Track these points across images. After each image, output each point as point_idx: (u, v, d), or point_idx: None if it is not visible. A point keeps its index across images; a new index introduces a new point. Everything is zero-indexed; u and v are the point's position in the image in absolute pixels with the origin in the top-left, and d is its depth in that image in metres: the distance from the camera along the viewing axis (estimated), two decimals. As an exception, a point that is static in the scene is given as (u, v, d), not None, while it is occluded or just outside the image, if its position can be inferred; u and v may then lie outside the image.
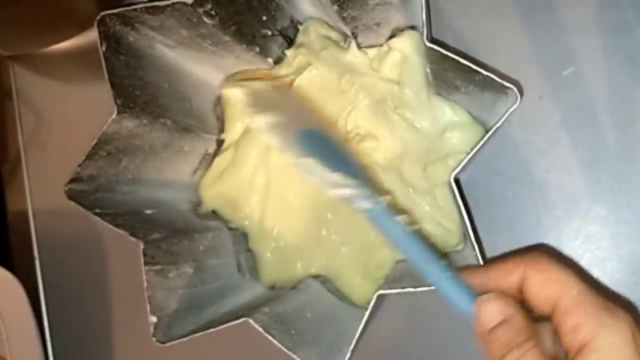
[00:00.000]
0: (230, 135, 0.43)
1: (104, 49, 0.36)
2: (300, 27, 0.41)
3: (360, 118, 0.40)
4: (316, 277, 0.41)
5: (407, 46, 0.39)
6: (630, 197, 0.39)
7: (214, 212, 0.43)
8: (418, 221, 0.38)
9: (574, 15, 0.40)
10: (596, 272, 0.39)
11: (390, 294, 0.34)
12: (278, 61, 0.42)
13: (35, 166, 0.50)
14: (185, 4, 0.35)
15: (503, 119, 0.32)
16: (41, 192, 0.49)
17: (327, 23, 0.41)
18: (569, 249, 0.39)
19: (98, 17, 0.36)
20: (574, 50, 0.39)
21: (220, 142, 0.43)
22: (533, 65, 0.40)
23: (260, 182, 0.42)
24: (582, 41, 0.39)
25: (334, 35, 0.41)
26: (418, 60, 0.38)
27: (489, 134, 0.33)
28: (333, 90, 0.41)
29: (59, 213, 0.49)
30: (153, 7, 0.36)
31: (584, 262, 0.39)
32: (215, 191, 0.42)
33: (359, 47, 0.41)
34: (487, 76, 0.32)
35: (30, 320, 0.44)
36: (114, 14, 0.36)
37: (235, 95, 0.37)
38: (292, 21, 0.41)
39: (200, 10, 0.36)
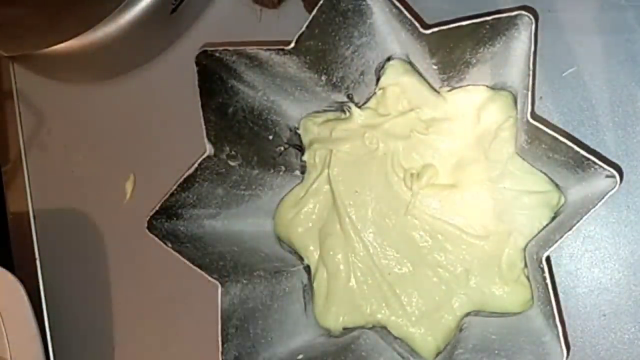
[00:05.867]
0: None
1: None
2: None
3: (404, 161, 0.40)
4: (377, 327, 0.40)
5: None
6: (630, 197, 0.39)
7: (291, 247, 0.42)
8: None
9: (574, 15, 0.40)
10: (596, 272, 0.39)
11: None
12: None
13: (36, 166, 0.50)
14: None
15: (600, 204, 0.31)
16: (41, 193, 0.49)
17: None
18: (569, 249, 0.39)
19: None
20: (574, 50, 0.39)
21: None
22: (533, 66, 0.40)
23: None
24: (582, 41, 0.39)
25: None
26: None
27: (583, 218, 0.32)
28: (366, 157, 0.40)
29: (59, 213, 0.49)
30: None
31: (584, 262, 0.39)
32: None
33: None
34: (590, 159, 0.31)
35: (31, 320, 0.44)
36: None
37: None
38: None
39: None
